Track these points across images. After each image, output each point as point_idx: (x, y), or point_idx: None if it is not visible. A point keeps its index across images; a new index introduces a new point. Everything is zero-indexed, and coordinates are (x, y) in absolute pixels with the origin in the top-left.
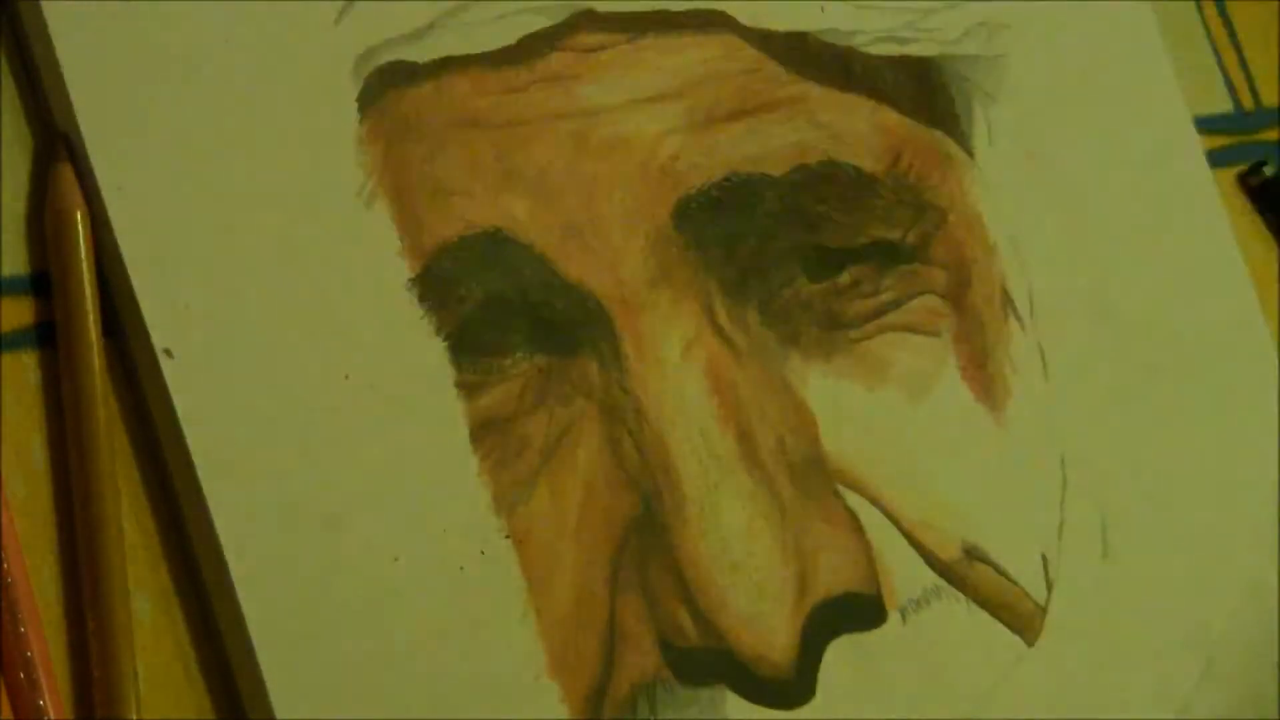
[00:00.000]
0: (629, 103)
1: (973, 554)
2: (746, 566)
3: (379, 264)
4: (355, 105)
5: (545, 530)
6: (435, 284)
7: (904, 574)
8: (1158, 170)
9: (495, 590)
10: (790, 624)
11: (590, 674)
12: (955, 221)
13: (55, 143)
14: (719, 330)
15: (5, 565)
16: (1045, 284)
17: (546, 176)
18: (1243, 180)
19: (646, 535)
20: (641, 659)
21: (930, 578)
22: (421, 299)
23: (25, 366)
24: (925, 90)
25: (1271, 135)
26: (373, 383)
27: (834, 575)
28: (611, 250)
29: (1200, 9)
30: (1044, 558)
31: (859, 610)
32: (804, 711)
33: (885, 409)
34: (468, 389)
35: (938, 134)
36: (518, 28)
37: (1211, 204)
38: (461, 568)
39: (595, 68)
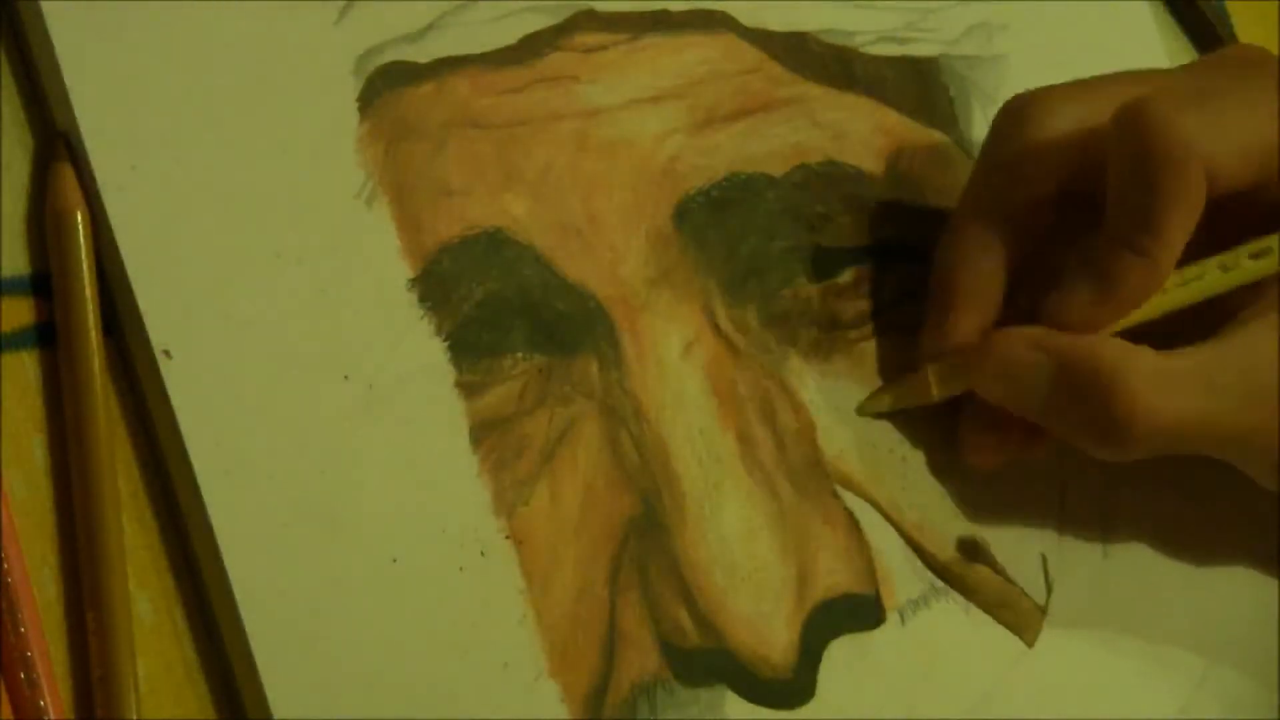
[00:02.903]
0: (629, 103)
1: (972, 554)
2: (746, 567)
3: (379, 264)
4: (355, 105)
5: (545, 531)
6: (435, 284)
7: (903, 574)
8: None
9: (495, 591)
10: (790, 624)
11: (590, 674)
12: None
13: (55, 143)
14: (719, 330)
15: (5, 565)
16: None
17: (546, 176)
18: None
19: (646, 536)
20: (641, 659)
21: (929, 578)
22: (421, 299)
23: (25, 366)
24: (925, 90)
25: None
26: (373, 383)
27: (833, 576)
28: (612, 250)
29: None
30: (1044, 558)
31: (859, 610)
32: (804, 712)
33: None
34: (468, 389)
35: (937, 134)
36: (518, 28)
37: None
38: (461, 568)
39: (595, 68)
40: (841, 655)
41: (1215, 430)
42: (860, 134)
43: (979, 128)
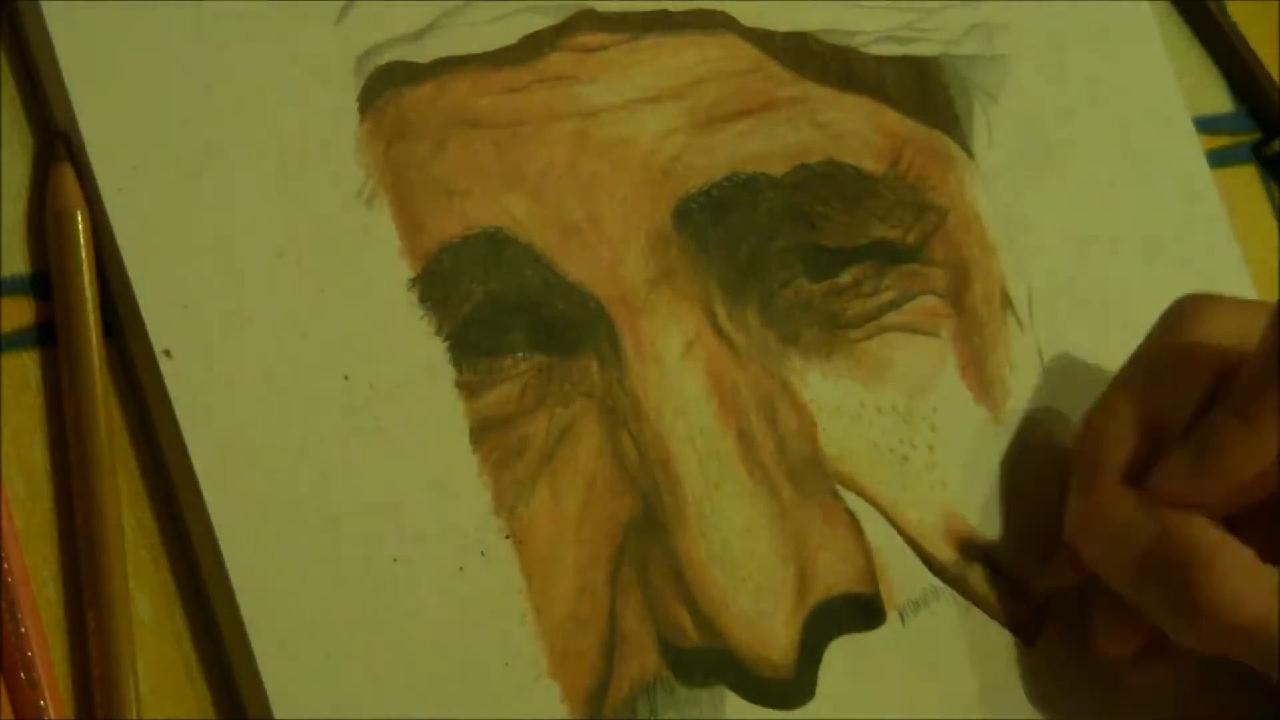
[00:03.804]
0: (629, 103)
1: (972, 554)
2: (746, 566)
3: (379, 264)
4: (355, 105)
5: (545, 530)
6: (435, 284)
7: (903, 574)
8: (1158, 170)
9: (495, 591)
10: (790, 624)
11: (590, 674)
12: (955, 221)
13: (55, 143)
14: (719, 330)
15: (5, 565)
16: (1044, 284)
17: (547, 176)
18: (1257, 150)
19: (647, 535)
20: (641, 659)
21: (929, 578)
22: (421, 299)
23: (25, 366)
24: (925, 90)
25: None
26: (373, 383)
27: (834, 575)
28: (612, 250)
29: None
30: (1044, 558)
31: (859, 610)
32: (804, 711)
33: (885, 409)
34: (468, 389)
35: (938, 134)
36: (518, 28)
37: (1211, 204)
38: (461, 568)
39: (595, 68)
40: (841, 655)
41: None
42: (860, 134)
43: (979, 127)
